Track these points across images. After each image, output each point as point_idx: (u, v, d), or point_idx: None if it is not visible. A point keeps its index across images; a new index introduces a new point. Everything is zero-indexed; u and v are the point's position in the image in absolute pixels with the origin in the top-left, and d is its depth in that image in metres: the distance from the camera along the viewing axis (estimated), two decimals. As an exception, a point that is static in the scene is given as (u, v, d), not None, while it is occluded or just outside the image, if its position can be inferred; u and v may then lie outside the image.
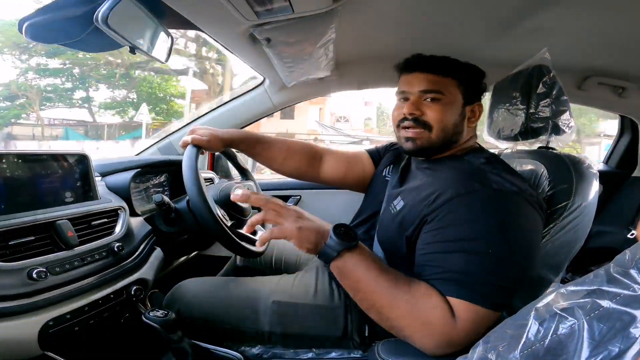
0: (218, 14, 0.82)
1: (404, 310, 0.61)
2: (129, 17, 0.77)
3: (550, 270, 0.81)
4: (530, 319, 0.35)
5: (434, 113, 0.77)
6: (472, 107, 0.81)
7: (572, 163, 0.81)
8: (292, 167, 1.08)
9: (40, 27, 0.78)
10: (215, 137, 0.95)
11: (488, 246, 0.62)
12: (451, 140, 0.80)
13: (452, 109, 0.78)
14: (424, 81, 0.78)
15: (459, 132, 0.80)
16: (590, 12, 0.92)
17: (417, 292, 0.61)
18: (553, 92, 0.86)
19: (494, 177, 0.68)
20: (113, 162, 1.09)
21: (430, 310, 0.60)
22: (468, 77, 0.80)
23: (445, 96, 0.77)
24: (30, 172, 0.76)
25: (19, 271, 0.65)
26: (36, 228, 0.72)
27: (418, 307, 0.60)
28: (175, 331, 0.77)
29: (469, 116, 0.81)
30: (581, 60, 1.28)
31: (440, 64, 0.79)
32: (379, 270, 0.63)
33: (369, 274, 0.62)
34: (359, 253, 0.63)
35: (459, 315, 0.59)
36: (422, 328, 0.60)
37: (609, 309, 0.31)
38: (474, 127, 0.84)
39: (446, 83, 0.78)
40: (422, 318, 0.60)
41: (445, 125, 0.78)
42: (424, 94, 0.78)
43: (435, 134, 0.78)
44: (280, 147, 1.06)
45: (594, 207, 0.81)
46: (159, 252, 1.01)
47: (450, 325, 0.59)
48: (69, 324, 0.71)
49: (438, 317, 0.59)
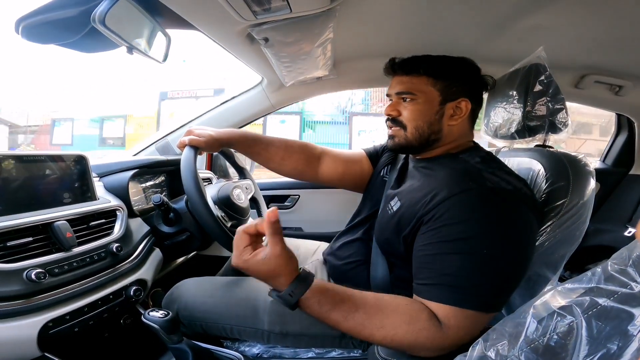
0: (216, 14, 0.82)
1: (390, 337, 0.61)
2: (126, 17, 0.77)
3: (548, 268, 0.82)
4: (529, 317, 0.36)
5: (407, 112, 0.80)
6: (455, 103, 0.79)
7: (569, 161, 0.81)
8: (290, 166, 1.07)
9: (36, 28, 0.78)
10: (212, 138, 0.94)
11: (482, 246, 0.61)
12: (429, 139, 0.80)
13: (425, 107, 0.79)
14: (399, 83, 0.82)
15: (436, 131, 0.79)
16: (586, 10, 0.92)
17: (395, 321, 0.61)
18: (550, 91, 0.86)
19: (489, 176, 0.68)
20: (111, 163, 1.09)
21: (413, 336, 0.60)
22: (445, 73, 0.79)
23: (417, 96, 0.79)
24: (28, 173, 0.76)
25: (18, 272, 0.65)
26: (34, 229, 0.72)
27: (399, 336, 0.60)
28: (175, 331, 0.77)
29: (452, 114, 0.79)
30: (578, 58, 1.28)
31: (413, 64, 0.80)
32: (344, 309, 0.61)
33: (330, 318, 0.61)
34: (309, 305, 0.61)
35: (450, 323, 0.60)
36: (412, 347, 0.61)
37: (606, 306, 0.31)
38: (462, 125, 0.82)
39: (419, 82, 0.79)
40: (407, 343, 0.61)
41: (417, 124, 0.79)
42: (401, 96, 0.81)
43: (410, 133, 0.80)
44: (278, 147, 1.06)
45: (591, 205, 0.81)
46: (157, 252, 1.00)
47: (439, 339, 0.60)
48: (68, 325, 0.71)
49: (425, 338, 0.60)
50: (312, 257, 1.16)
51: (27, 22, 0.77)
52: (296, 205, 1.73)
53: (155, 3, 0.77)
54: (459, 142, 0.83)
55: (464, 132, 0.83)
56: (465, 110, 0.80)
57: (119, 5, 0.72)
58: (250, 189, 1.20)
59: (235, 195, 1.05)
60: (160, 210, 1.00)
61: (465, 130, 0.83)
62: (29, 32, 0.78)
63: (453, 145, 0.82)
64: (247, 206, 1.07)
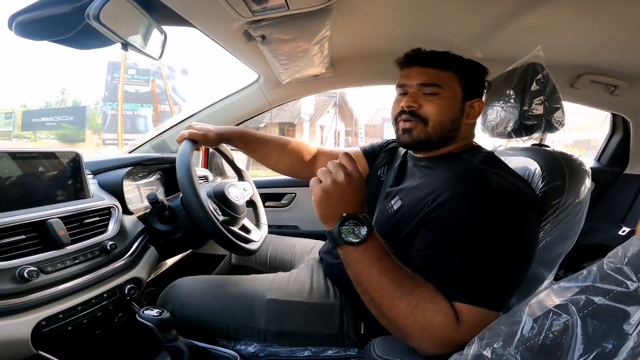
0: (212, 11, 0.81)
1: (404, 311, 0.58)
2: (121, 13, 0.76)
3: (543, 267, 0.82)
4: (525, 316, 0.36)
5: (432, 106, 0.76)
6: (472, 103, 0.80)
7: (564, 160, 0.82)
8: (286, 165, 1.09)
9: (29, 24, 0.77)
10: (212, 132, 0.97)
11: (488, 246, 0.61)
12: (448, 136, 0.79)
13: (450, 103, 0.77)
14: (422, 74, 0.77)
15: (457, 128, 0.79)
16: (584, 10, 0.92)
17: (422, 294, 0.59)
18: (546, 90, 0.86)
19: (492, 177, 0.67)
20: (105, 160, 1.08)
21: (432, 314, 0.57)
22: (469, 72, 0.79)
23: (443, 90, 0.76)
24: (21, 170, 0.75)
25: (10, 270, 0.64)
26: (27, 227, 0.71)
27: (419, 310, 0.58)
28: (170, 330, 0.77)
29: (468, 112, 0.80)
30: (574, 58, 1.29)
31: (440, 57, 0.78)
32: (383, 267, 0.60)
33: (370, 271, 0.60)
34: (364, 249, 0.60)
35: (464, 320, 0.57)
36: (421, 331, 0.58)
37: (602, 305, 0.31)
38: (473, 125, 0.84)
39: (445, 77, 0.77)
40: (422, 321, 0.57)
41: (442, 119, 0.77)
42: (422, 87, 0.77)
43: (432, 128, 0.77)
44: (275, 145, 1.07)
45: (586, 204, 0.81)
46: (152, 250, 1.00)
47: (452, 330, 0.57)
48: (62, 323, 0.71)
49: (440, 322, 0.57)
50: (308, 256, 1.15)
51: (21, 19, 0.76)
52: (292, 203, 1.72)
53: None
54: (465, 142, 0.83)
55: (471, 132, 0.84)
56: (479, 110, 0.81)
57: (114, 1, 0.71)
58: (248, 190, 1.19)
59: (229, 192, 1.04)
60: (155, 208, 0.99)
61: (469, 130, 0.84)
62: (22, 28, 0.78)
63: (455, 145, 0.82)
64: (242, 204, 1.06)
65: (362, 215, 0.61)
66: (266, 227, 1.14)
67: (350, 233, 0.60)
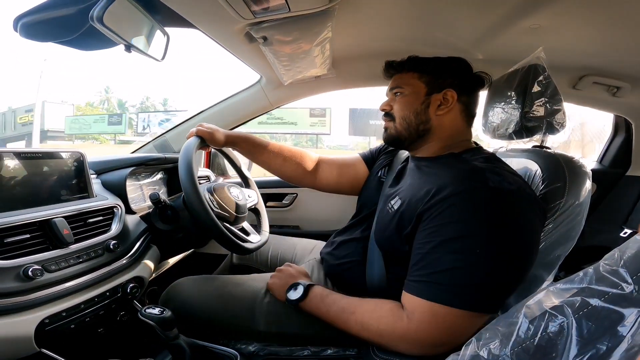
0: (214, 13, 0.82)
1: (356, 328, 0.72)
2: (125, 15, 0.77)
3: (543, 268, 0.82)
4: (521, 317, 0.36)
5: (396, 105, 0.87)
6: (442, 94, 0.83)
7: (565, 162, 0.82)
8: (289, 172, 1.14)
9: (34, 26, 0.78)
10: (219, 132, 1.02)
11: (477, 245, 0.61)
12: (418, 129, 0.84)
13: (411, 99, 0.85)
14: (392, 81, 0.90)
15: (424, 121, 0.84)
16: (585, 12, 0.92)
17: (363, 309, 0.72)
18: (548, 91, 0.86)
19: (492, 176, 0.67)
20: (108, 160, 1.08)
21: (375, 322, 0.69)
22: (432, 67, 0.85)
23: (404, 89, 0.86)
24: (25, 170, 0.76)
25: (15, 269, 0.65)
26: (32, 226, 0.72)
27: (365, 322, 0.70)
28: (172, 328, 0.77)
29: (439, 104, 0.83)
30: (576, 59, 1.28)
31: (404, 62, 0.88)
32: (328, 304, 0.77)
33: (320, 311, 0.78)
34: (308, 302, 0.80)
35: (413, 316, 0.63)
36: (380, 337, 0.68)
37: (597, 307, 0.31)
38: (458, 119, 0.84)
39: (407, 77, 0.86)
40: (374, 330, 0.68)
41: (404, 114, 0.85)
42: (392, 91, 0.89)
43: (399, 123, 0.86)
44: (278, 154, 1.11)
45: (586, 206, 0.81)
46: (155, 250, 1.01)
47: (402, 325, 0.64)
48: (65, 321, 0.72)
49: (385, 323, 0.67)
50: (309, 256, 1.16)
51: (26, 20, 0.77)
52: (294, 203, 1.73)
53: (153, 1, 0.77)
54: (458, 140, 0.83)
55: (458, 127, 0.85)
56: (452, 100, 0.82)
57: (117, 3, 0.72)
58: (252, 197, 1.19)
59: (230, 190, 1.05)
60: (158, 208, 1.00)
61: (459, 126, 0.85)
62: (27, 29, 0.78)
63: (451, 143, 0.83)
64: (242, 205, 1.07)
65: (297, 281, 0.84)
66: (267, 235, 1.14)
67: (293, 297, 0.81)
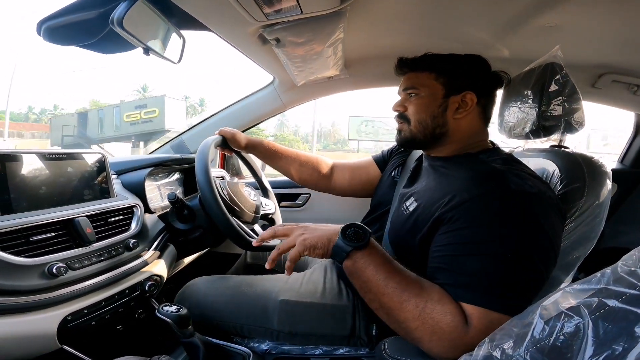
0: (228, 15, 0.83)
1: (412, 313, 0.59)
2: (143, 19, 0.79)
3: (561, 270, 0.80)
4: (536, 318, 0.36)
5: (411, 106, 0.83)
6: (460, 96, 0.79)
7: (584, 162, 0.80)
8: (306, 176, 1.20)
9: (57, 30, 0.80)
10: (240, 135, 1.12)
11: (505, 249, 0.59)
12: (434, 132, 0.81)
13: (427, 101, 0.81)
14: (405, 80, 0.85)
15: (441, 124, 0.80)
16: (602, 9, 0.90)
17: (429, 296, 0.59)
18: (566, 90, 0.84)
19: (512, 178, 0.65)
20: (128, 160, 1.12)
21: (440, 316, 0.57)
22: (449, 67, 0.80)
23: (420, 90, 0.82)
24: (50, 170, 0.79)
25: (40, 267, 0.68)
26: (56, 225, 0.75)
27: (427, 312, 0.58)
28: (187, 326, 0.79)
29: (457, 107, 0.79)
30: (595, 57, 1.25)
31: (418, 61, 0.84)
32: (389, 271, 0.62)
33: (377, 275, 0.61)
34: (369, 254, 0.63)
35: (472, 322, 0.57)
36: (431, 333, 0.58)
37: (614, 307, 0.31)
38: (476, 120, 0.81)
39: (423, 77, 0.82)
40: (431, 323, 0.58)
41: (420, 117, 0.81)
42: (407, 92, 0.84)
43: (414, 126, 0.83)
44: (294, 159, 1.18)
45: (606, 207, 0.79)
46: (172, 248, 1.03)
47: (461, 332, 0.56)
48: (86, 318, 0.74)
49: (448, 324, 0.57)
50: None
51: (49, 24, 0.80)
52: (307, 204, 1.74)
53: (170, 5, 0.79)
54: (474, 140, 0.81)
55: (475, 129, 0.82)
56: (471, 103, 0.79)
57: (136, 7, 0.74)
58: (270, 206, 1.22)
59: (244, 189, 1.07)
60: (175, 207, 1.02)
61: (477, 128, 0.82)
62: (50, 33, 0.81)
63: (467, 143, 0.81)
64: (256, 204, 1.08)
65: (358, 223, 0.65)
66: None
67: (353, 239, 0.63)
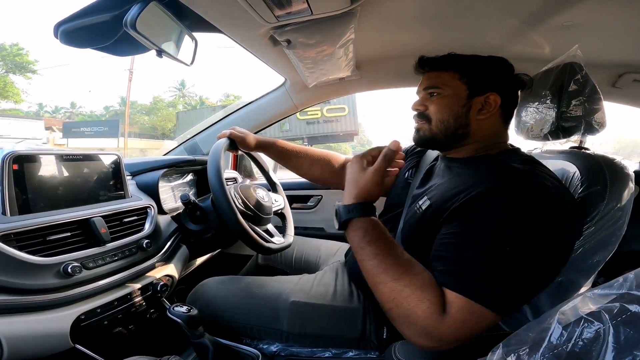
0: (239, 17, 0.84)
1: (387, 295, 0.61)
2: (155, 21, 0.80)
3: (580, 274, 0.78)
4: (554, 323, 0.34)
5: (433, 106, 0.80)
6: (484, 97, 0.77)
7: (605, 164, 0.77)
8: (317, 174, 1.17)
9: (73, 32, 0.82)
10: (250, 136, 1.09)
11: (507, 245, 0.58)
12: (456, 133, 0.78)
13: (450, 101, 0.78)
14: (427, 79, 0.82)
15: (464, 125, 0.78)
16: (621, 6, 0.87)
17: (410, 281, 0.60)
18: (586, 90, 0.82)
19: (532, 177, 0.64)
20: (142, 162, 1.14)
21: (417, 301, 0.58)
22: (472, 68, 0.78)
23: (443, 89, 0.79)
24: (67, 171, 0.81)
25: (55, 266, 0.69)
26: (72, 224, 0.76)
27: (404, 295, 0.59)
28: (197, 327, 0.80)
29: (480, 108, 0.77)
30: (614, 56, 1.21)
31: (440, 60, 0.81)
32: (379, 248, 0.64)
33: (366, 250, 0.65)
34: (364, 228, 0.66)
35: (450, 312, 0.56)
36: (404, 317, 0.59)
37: (637, 313, 0.29)
38: (498, 121, 0.79)
39: (446, 77, 0.79)
40: (406, 307, 0.59)
41: (443, 117, 0.79)
42: (428, 91, 0.81)
43: (435, 125, 0.80)
44: (305, 157, 1.16)
45: (629, 210, 0.76)
46: (184, 249, 1.04)
47: (436, 320, 0.56)
48: (99, 317, 0.75)
49: (424, 310, 0.57)
50: (333, 258, 1.16)
51: (65, 27, 0.81)
52: (319, 205, 1.73)
53: (182, 8, 0.80)
54: (494, 141, 0.79)
55: (496, 130, 0.80)
56: (495, 104, 0.77)
57: (149, 10, 0.75)
58: (279, 202, 1.21)
59: (257, 192, 1.07)
60: (188, 208, 1.03)
61: (498, 129, 0.80)
62: (67, 36, 0.83)
63: (487, 145, 0.79)
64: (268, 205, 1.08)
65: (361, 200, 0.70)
66: (291, 239, 1.15)
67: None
